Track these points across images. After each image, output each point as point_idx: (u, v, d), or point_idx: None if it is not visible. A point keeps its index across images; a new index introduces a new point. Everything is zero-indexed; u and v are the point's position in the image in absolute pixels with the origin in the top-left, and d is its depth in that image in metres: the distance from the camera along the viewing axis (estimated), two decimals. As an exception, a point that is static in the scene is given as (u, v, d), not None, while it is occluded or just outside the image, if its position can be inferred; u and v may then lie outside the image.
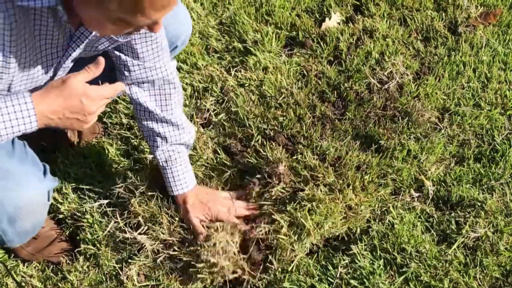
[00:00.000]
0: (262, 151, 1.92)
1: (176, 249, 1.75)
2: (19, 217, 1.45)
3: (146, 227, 1.79)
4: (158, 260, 1.74)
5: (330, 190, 1.79)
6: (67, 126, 1.26)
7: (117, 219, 1.82)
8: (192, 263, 1.71)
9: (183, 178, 1.75)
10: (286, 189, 1.80)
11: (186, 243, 1.75)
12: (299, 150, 1.90)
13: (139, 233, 1.78)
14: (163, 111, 1.69)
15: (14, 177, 1.39)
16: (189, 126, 1.78)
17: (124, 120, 2.09)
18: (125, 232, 1.78)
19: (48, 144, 1.99)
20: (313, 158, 1.87)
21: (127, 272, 1.73)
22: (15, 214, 1.42)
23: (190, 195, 1.76)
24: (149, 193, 1.82)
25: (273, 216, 1.75)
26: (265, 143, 1.94)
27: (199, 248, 1.72)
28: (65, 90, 1.23)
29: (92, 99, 1.25)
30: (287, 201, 1.78)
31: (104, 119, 2.11)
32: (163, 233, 1.77)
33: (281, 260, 1.71)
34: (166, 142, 1.72)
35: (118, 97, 2.12)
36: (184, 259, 1.73)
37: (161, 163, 1.73)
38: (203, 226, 1.75)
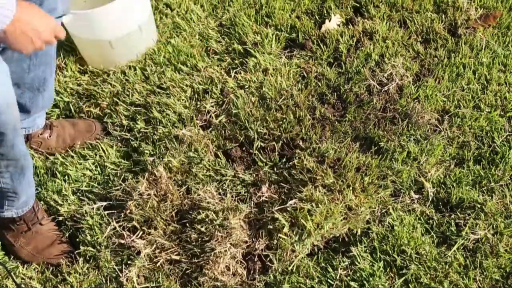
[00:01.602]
0: (259, 161, 1.92)
1: (174, 255, 1.75)
2: None
3: (141, 232, 1.79)
4: (158, 263, 1.74)
5: (329, 191, 1.79)
6: (18, 41, 1.34)
7: (115, 222, 1.82)
8: (194, 274, 1.71)
9: None
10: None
11: (185, 246, 1.75)
12: (296, 155, 1.90)
13: (136, 237, 1.78)
14: None
15: None
16: None
17: (125, 122, 2.09)
18: (123, 237, 1.78)
19: None
20: (312, 161, 1.87)
21: (126, 274, 1.73)
22: None
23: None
24: (147, 196, 1.82)
25: (274, 215, 1.75)
26: (263, 145, 1.94)
27: (201, 258, 1.71)
28: (41, 11, 1.37)
29: (50, 27, 1.38)
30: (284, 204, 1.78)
31: (105, 119, 2.11)
32: (159, 237, 1.77)
33: (281, 260, 1.71)
34: None
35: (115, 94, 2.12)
36: (185, 266, 1.73)
37: None
38: None
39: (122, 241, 1.78)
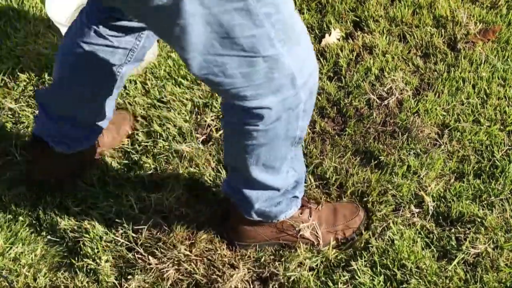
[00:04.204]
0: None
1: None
2: None
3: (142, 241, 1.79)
4: (163, 276, 1.73)
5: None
6: None
7: (116, 235, 1.83)
8: None
9: None
10: None
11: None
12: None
13: (137, 251, 1.78)
14: None
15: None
16: None
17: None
18: (127, 251, 1.79)
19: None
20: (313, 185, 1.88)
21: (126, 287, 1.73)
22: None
23: None
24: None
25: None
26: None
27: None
28: None
29: None
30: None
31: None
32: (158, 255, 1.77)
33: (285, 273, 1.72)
34: None
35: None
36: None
37: None
38: None
39: (127, 254, 1.78)
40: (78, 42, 1.65)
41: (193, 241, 1.79)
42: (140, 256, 1.78)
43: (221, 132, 2.06)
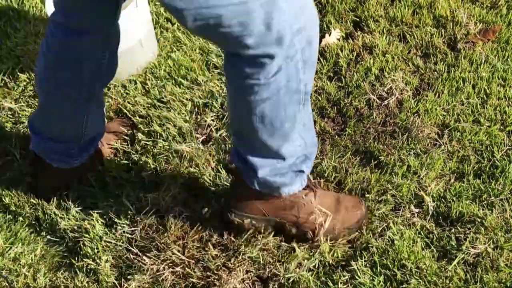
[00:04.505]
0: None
1: (180, 269, 1.75)
2: None
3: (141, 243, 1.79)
4: (161, 278, 1.73)
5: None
6: None
7: (116, 235, 1.83)
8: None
9: None
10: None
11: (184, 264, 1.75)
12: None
13: (139, 252, 1.78)
14: None
15: None
16: None
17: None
18: (125, 251, 1.79)
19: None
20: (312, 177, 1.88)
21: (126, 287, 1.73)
22: None
23: None
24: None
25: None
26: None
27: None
28: None
29: None
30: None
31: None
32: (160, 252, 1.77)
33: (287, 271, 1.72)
34: None
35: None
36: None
37: None
38: None
39: (127, 255, 1.78)
40: (48, 69, 1.67)
41: (186, 241, 1.79)
42: (134, 256, 1.78)
43: (221, 132, 2.06)
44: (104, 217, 1.89)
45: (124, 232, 1.83)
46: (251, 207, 1.71)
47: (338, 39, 2.34)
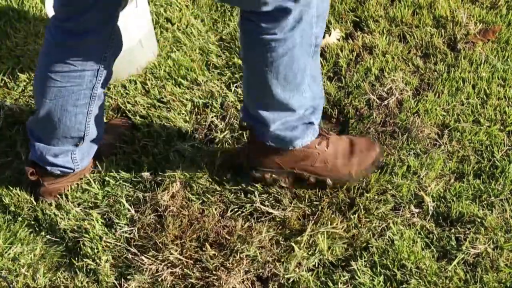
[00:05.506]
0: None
1: (178, 269, 1.75)
2: None
3: (140, 243, 1.79)
4: (160, 279, 1.73)
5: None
6: None
7: (116, 235, 1.83)
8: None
9: None
10: None
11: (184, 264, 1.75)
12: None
13: (138, 253, 1.78)
14: None
15: None
16: None
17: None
18: (124, 252, 1.79)
19: None
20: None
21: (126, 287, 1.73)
22: None
23: None
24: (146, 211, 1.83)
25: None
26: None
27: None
28: None
29: None
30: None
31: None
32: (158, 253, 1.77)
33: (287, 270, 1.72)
34: None
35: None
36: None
37: None
38: None
39: (125, 255, 1.78)
40: (48, 74, 1.68)
41: (184, 241, 1.79)
42: (133, 256, 1.78)
43: (221, 132, 2.06)
44: (104, 217, 1.89)
45: (123, 232, 1.83)
46: (268, 161, 1.76)
47: (338, 39, 2.34)
